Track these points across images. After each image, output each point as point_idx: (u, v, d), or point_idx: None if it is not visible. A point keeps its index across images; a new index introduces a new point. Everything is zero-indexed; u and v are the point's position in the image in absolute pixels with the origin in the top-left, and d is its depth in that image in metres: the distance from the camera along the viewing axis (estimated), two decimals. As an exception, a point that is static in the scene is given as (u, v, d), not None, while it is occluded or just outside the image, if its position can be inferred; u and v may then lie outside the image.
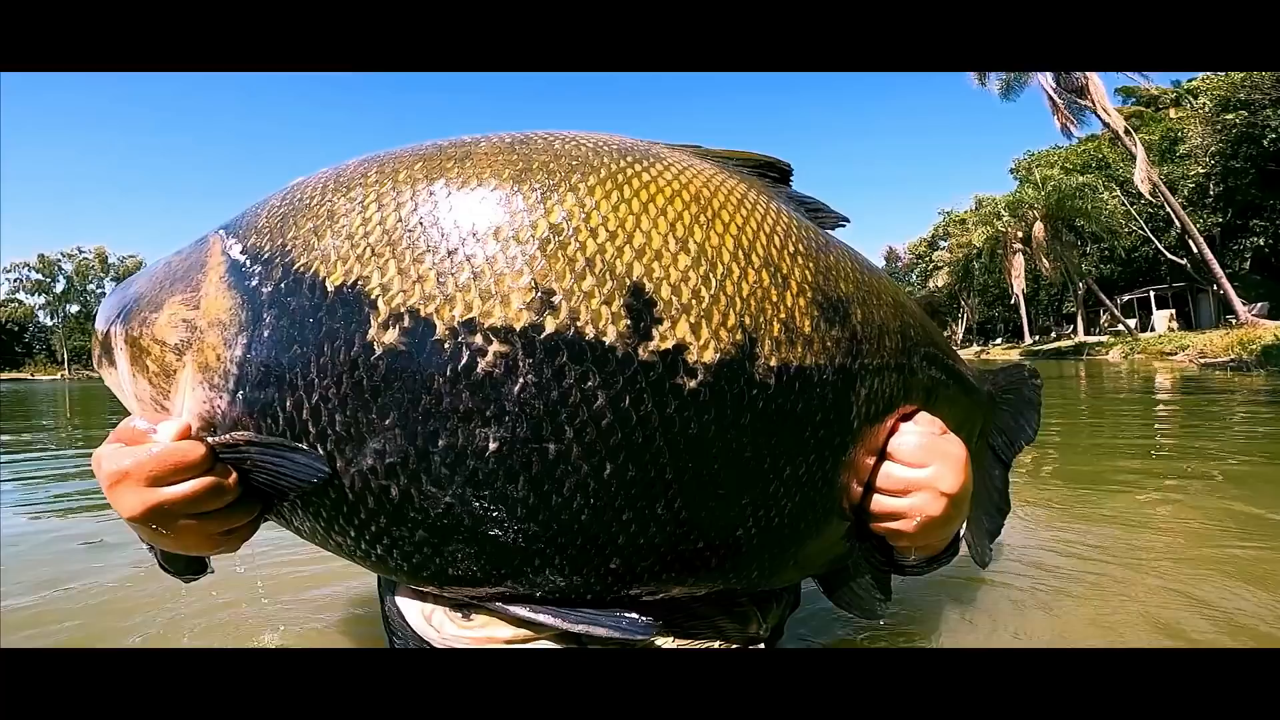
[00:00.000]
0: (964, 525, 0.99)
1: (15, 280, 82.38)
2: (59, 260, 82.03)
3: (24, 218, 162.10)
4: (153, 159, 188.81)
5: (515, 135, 0.77)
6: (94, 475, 0.71)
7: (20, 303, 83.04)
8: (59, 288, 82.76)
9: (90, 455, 0.72)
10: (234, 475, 0.70)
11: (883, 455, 0.81)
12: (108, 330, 0.86)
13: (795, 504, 0.75)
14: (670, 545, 0.71)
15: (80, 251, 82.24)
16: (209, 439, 0.70)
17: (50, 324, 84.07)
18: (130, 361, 0.81)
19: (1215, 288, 23.79)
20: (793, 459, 0.73)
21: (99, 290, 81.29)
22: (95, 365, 0.92)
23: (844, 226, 0.89)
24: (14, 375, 72.11)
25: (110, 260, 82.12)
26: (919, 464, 0.79)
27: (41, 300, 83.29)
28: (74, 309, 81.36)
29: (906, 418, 0.83)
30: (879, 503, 0.80)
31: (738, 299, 0.69)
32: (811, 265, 0.76)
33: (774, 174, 0.85)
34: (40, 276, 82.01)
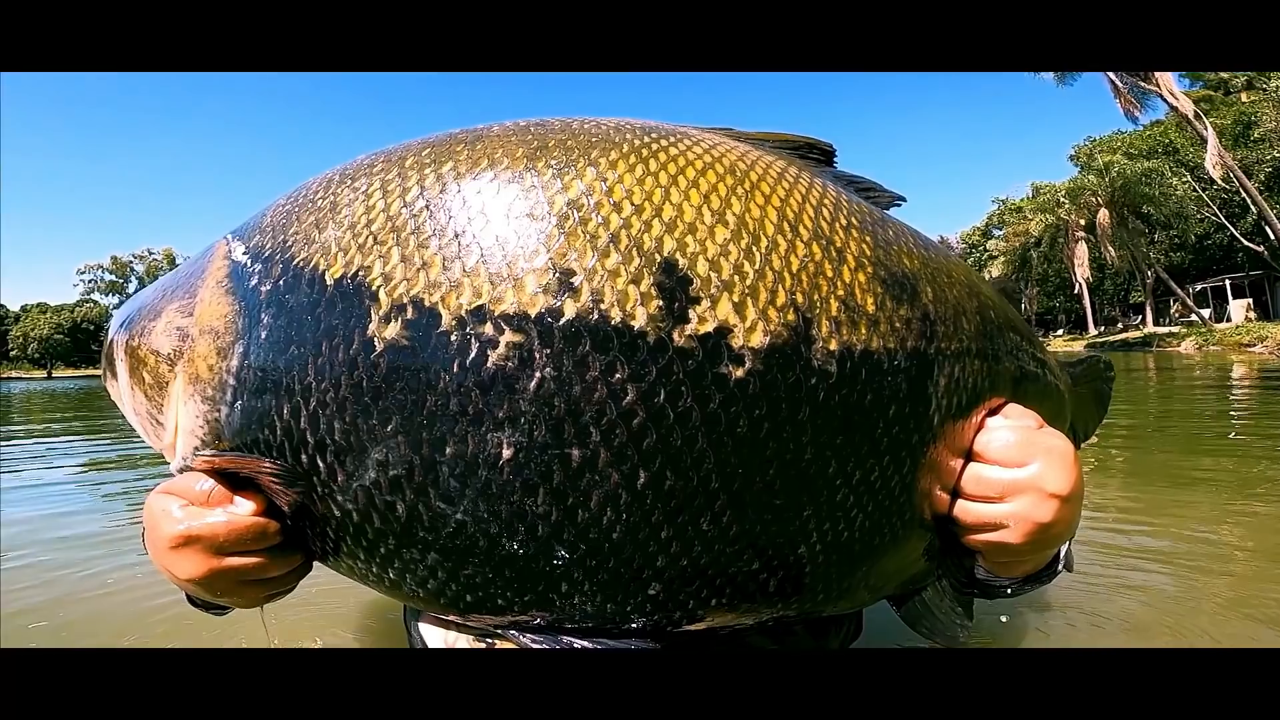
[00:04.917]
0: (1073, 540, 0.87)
1: (90, 281, 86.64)
2: (131, 262, 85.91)
3: (99, 220, 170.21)
4: (217, 161, 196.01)
5: (532, 120, 0.71)
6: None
7: (95, 303, 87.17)
8: (131, 288, 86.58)
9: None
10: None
11: (969, 457, 0.70)
12: (111, 340, 0.82)
13: (867, 515, 0.64)
14: (719, 567, 0.61)
15: (150, 253, 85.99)
16: (198, 457, 0.66)
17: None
18: (129, 373, 0.77)
19: (1296, 276, 22.57)
20: (863, 461, 0.62)
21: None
22: (102, 378, 0.89)
23: (899, 206, 0.80)
24: (90, 372, 75.83)
25: (178, 261, 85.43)
26: (1017, 462, 0.67)
27: (115, 300, 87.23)
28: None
29: (994, 412, 0.72)
30: (972, 511, 0.69)
31: (787, 274, 0.59)
32: (869, 239, 0.66)
33: (816, 155, 0.76)
34: (114, 278, 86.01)
